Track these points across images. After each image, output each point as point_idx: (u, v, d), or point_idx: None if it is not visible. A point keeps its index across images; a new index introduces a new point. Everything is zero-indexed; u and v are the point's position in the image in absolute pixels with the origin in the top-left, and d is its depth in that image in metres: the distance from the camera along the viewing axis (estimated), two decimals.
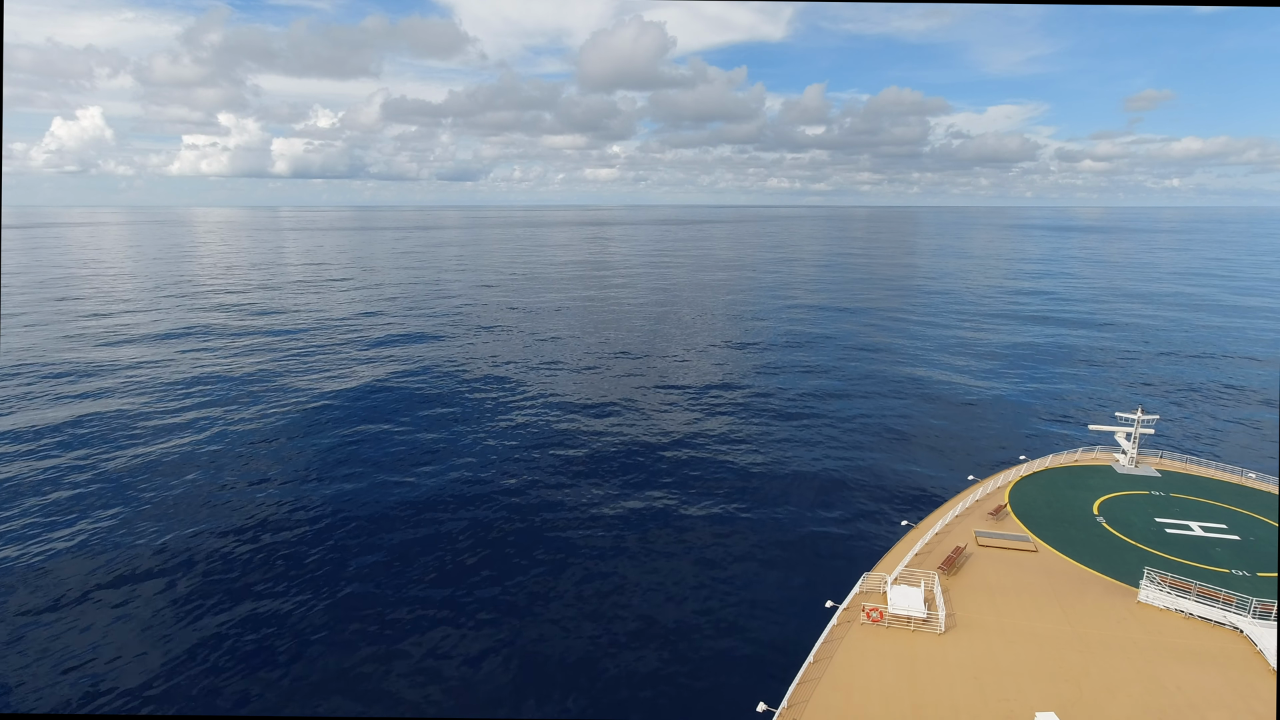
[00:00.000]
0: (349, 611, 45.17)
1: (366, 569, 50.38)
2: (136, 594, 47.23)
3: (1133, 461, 52.40)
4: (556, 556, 52.16)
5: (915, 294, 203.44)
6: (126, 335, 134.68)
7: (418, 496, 62.52)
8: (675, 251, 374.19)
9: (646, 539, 54.89)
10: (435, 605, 45.90)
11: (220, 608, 45.63)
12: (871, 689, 28.38)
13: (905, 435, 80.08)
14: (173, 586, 48.17)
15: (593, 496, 62.64)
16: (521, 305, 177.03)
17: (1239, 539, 40.95)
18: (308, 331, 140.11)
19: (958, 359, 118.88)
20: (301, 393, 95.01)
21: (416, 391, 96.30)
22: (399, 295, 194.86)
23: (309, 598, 46.72)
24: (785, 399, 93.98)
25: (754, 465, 69.99)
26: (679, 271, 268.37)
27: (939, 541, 40.80)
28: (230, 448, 73.97)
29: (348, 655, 40.85)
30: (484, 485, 64.87)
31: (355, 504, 61.00)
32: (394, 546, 53.62)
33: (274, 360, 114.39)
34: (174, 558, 51.86)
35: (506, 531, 56.09)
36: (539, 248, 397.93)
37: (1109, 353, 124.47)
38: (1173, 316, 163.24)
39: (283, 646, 41.68)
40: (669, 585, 48.33)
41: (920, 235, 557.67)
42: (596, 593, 47.48)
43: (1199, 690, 28.18)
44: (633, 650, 41.31)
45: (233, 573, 49.94)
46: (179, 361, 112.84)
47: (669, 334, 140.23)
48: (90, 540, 54.27)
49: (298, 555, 52.40)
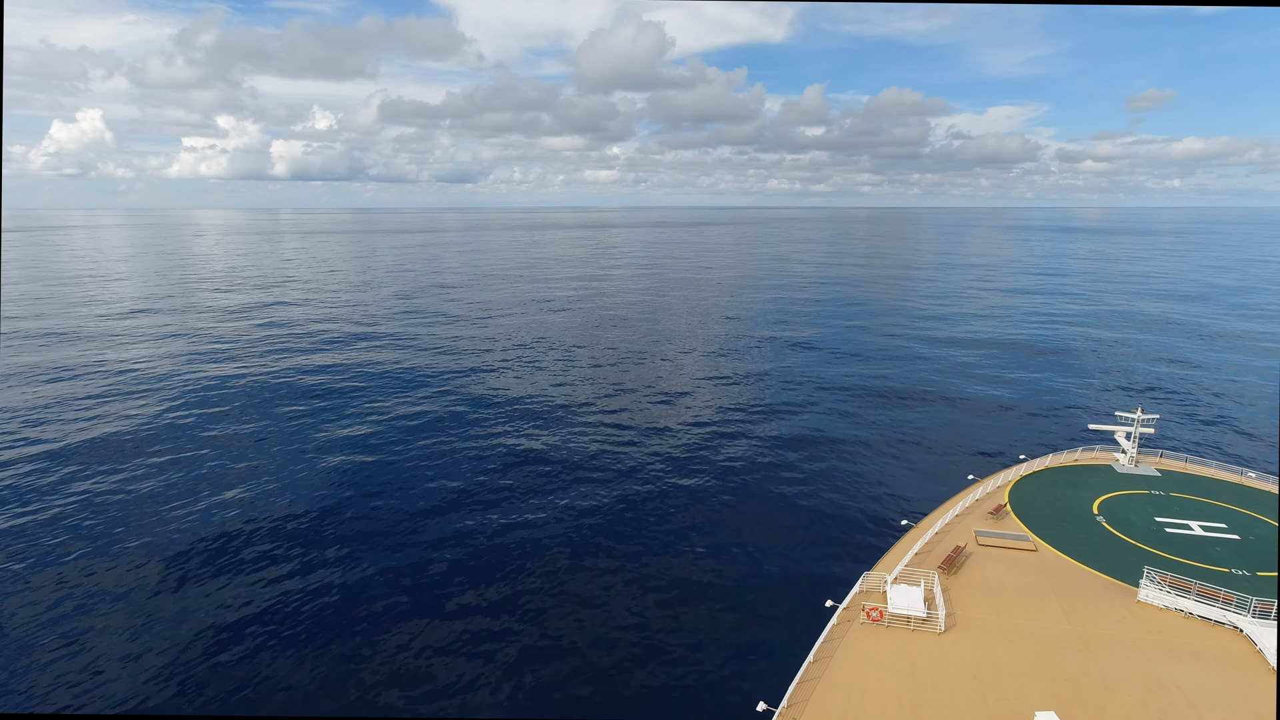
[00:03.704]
0: (347, 611, 45.27)
1: (363, 571, 50.45)
2: (137, 592, 47.36)
3: (1132, 461, 52.42)
4: (555, 557, 52.13)
5: (915, 294, 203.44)
6: (128, 336, 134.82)
7: (417, 497, 62.60)
8: (675, 253, 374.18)
9: (646, 539, 54.87)
10: (433, 607, 45.92)
11: (221, 607, 45.74)
12: (871, 688, 28.39)
13: (905, 435, 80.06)
14: (173, 582, 48.31)
15: (592, 496, 62.61)
16: (520, 307, 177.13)
17: (1239, 538, 40.98)
18: (307, 333, 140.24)
19: (958, 359, 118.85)
20: (301, 392, 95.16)
21: (416, 392, 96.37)
22: (392, 299, 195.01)
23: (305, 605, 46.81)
24: (785, 399, 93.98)
25: (753, 465, 69.96)
26: (678, 272, 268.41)
27: (939, 541, 40.84)
28: (228, 448, 74.11)
29: (351, 654, 40.91)
30: (482, 486, 64.85)
31: (347, 511, 61.05)
32: (393, 550, 53.67)
33: (271, 361, 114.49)
34: (172, 560, 52.01)
35: (507, 532, 56.09)
36: (538, 249, 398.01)
37: (1109, 353, 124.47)
38: (1173, 316, 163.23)
39: (284, 649, 41.75)
40: (668, 586, 48.30)
41: (921, 236, 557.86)
42: (596, 593, 47.46)
43: (1199, 689, 28.19)
44: (632, 650, 41.27)
45: (222, 577, 50.05)
46: (179, 365, 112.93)
47: (669, 334, 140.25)
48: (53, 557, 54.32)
49: (288, 560, 52.48)
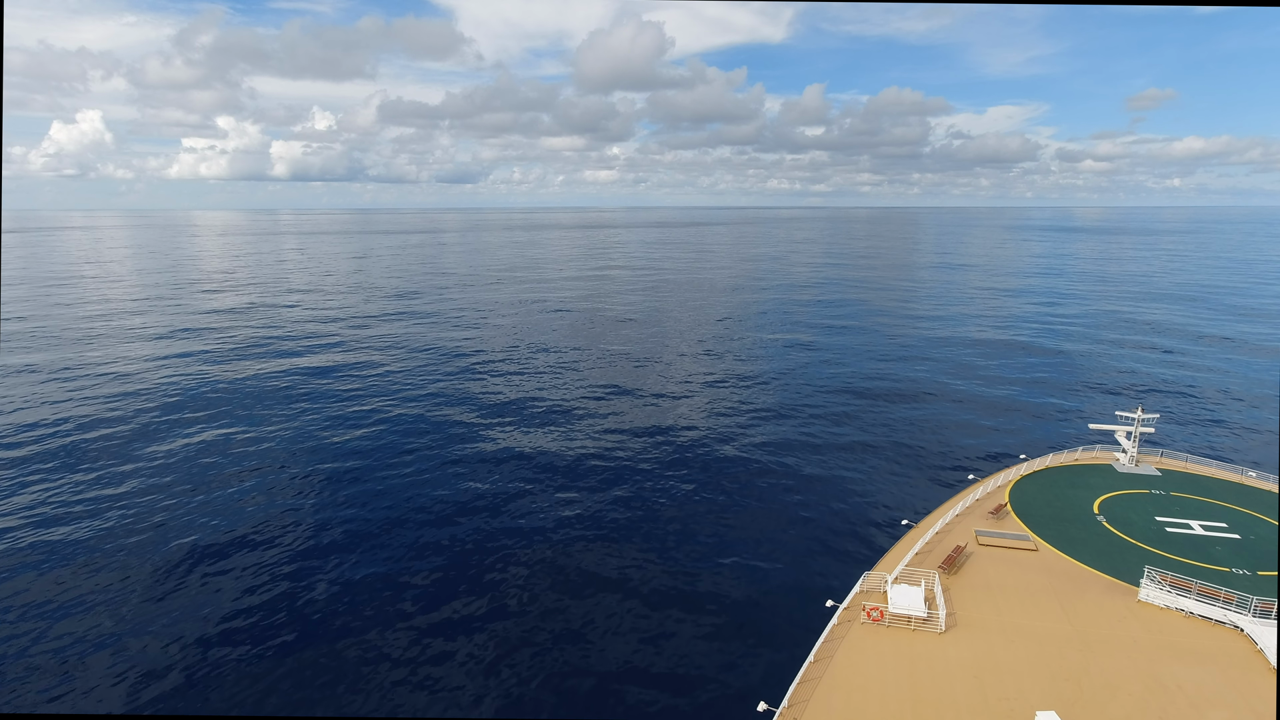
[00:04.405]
0: (343, 612, 45.28)
1: (360, 571, 50.47)
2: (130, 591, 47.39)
3: (1133, 460, 52.41)
4: (555, 557, 52.12)
5: (915, 294, 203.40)
6: (127, 336, 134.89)
7: (412, 499, 62.62)
8: (675, 253, 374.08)
9: (646, 539, 54.84)
10: (432, 607, 45.92)
11: (223, 606, 45.77)
12: (872, 688, 28.38)
13: (905, 434, 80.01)
14: (175, 577, 48.36)
15: (591, 497, 62.58)
16: (518, 308, 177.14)
17: (1239, 538, 40.97)
18: (306, 334, 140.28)
19: (958, 359, 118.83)
20: (301, 394, 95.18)
21: (412, 392, 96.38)
22: (390, 299, 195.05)
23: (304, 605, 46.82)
24: (784, 399, 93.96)
25: (752, 465, 69.93)
26: (677, 273, 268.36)
27: (939, 541, 40.83)
28: (226, 448, 74.15)
29: (354, 651, 40.92)
30: (482, 486, 64.88)
31: (345, 510, 61.08)
32: (388, 553, 53.68)
33: (270, 361, 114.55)
34: (170, 558, 52.04)
35: (506, 532, 56.08)
36: (536, 250, 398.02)
37: (1109, 352, 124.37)
38: (1173, 316, 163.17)
39: (281, 647, 41.77)
40: (668, 585, 48.28)
41: (920, 236, 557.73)
42: (595, 593, 47.42)
43: (1199, 689, 28.19)
44: (633, 650, 41.28)
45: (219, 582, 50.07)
46: (178, 365, 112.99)
47: (669, 335, 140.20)
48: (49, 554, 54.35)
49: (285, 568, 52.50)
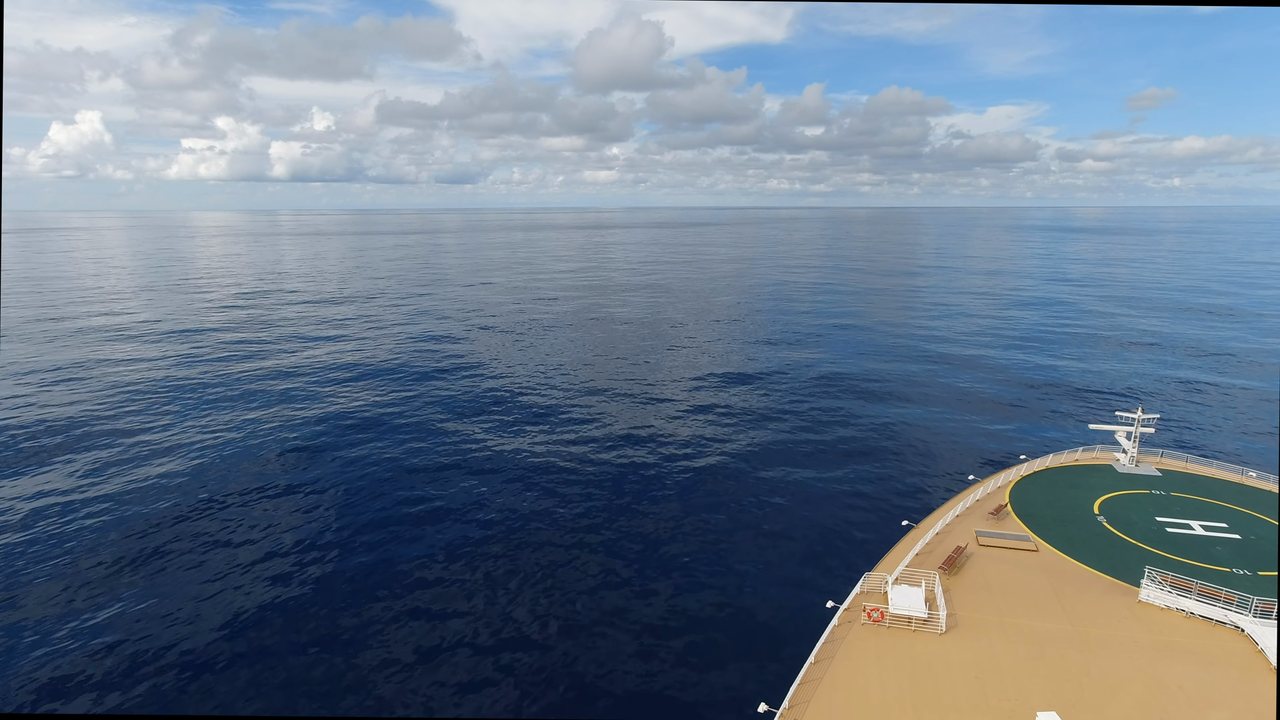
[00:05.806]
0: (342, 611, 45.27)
1: (355, 571, 50.45)
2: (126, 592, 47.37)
3: (1133, 461, 52.37)
4: (555, 557, 52.10)
5: (914, 295, 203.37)
6: (124, 337, 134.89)
7: (406, 498, 62.58)
8: (674, 253, 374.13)
9: (645, 539, 54.83)
10: (430, 608, 45.90)
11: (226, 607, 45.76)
12: (872, 689, 28.36)
13: (905, 435, 79.99)
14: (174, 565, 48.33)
15: (590, 497, 62.57)
16: (516, 308, 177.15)
17: (1240, 538, 40.93)
18: (304, 334, 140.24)
19: (958, 359, 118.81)
20: (299, 394, 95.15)
21: (409, 393, 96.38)
22: (388, 299, 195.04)
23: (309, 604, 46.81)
24: (783, 399, 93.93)
25: (751, 466, 69.90)
26: (676, 273, 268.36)
27: (940, 541, 40.78)
28: (221, 449, 74.16)
29: (355, 651, 40.91)
30: (479, 490, 64.88)
31: (342, 510, 61.07)
32: (385, 551, 53.67)
33: (267, 362, 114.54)
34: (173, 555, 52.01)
35: (506, 533, 56.08)
36: (535, 250, 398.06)
37: (1109, 352, 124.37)
38: (1173, 316, 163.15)
39: (282, 645, 41.75)
40: (668, 585, 48.27)
41: (920, 236, 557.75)
42: (594, 593, 47.41)
43: (1200, 689, 28.15)
44: (633, 650, 41.25)
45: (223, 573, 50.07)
46: (175, 366, 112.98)
47: (668, 335, 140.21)
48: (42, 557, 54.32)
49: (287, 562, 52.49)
